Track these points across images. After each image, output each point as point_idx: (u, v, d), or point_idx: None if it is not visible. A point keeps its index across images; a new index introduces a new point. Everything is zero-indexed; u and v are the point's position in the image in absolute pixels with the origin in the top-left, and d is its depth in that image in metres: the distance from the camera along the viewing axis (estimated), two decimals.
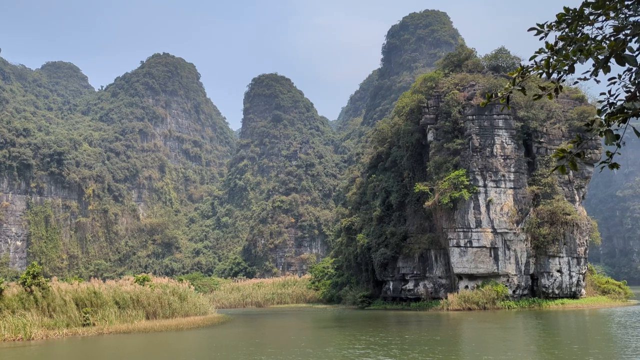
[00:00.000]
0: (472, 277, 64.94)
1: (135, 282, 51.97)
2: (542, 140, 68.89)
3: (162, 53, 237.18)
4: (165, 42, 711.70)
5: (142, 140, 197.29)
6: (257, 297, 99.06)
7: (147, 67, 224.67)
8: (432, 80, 77.06)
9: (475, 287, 64.06)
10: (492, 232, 64.30)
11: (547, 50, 6.72)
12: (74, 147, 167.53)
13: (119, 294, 46.50)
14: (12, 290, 40.38)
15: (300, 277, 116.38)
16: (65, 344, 34.92)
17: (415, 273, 73.16)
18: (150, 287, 50.40)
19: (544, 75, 6.81)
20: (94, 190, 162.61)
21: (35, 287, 41.04)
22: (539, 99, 7.30)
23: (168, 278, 60.65)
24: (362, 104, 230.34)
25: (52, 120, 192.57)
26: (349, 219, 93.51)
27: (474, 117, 67.87)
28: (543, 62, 6.74)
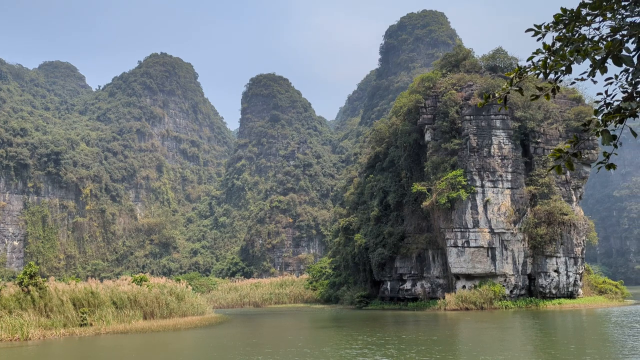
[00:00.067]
0: (469, 277, 65.04)
1: (133, 282, 51.89)
2: (539, 141, 69.03)
3: (159, 53, 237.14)
4: (163, 41, 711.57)
5: (139, 140, 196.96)
6: (254, 297, 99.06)
7: (144, 66, 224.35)
8: (429, 81, 77.16)
9: (473, 287, 64.16)
10: (489, 232, 64.40)
11: (544, 51, 6.74)
12: (71, 146, 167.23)
13: (117, 294, 46.42)
14: (9, 291, 40.29)
15: (298, 277, 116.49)
16: (63, 344, 34.85)
17: (413, 273, 73.22)
18: (148, 287, 50.33)
19: (542, 76, 6.82)
20: (92, 190, 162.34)
21: (33, 287, 40.94)
22: (537, 100, 7.32)
23: (165, 278, 60.53)
24: (359, 104, 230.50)
25: (49, 120, 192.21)
26: (347, 219, 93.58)
27: (472, 117, 67.97)
28: (540, 62, 6.76)
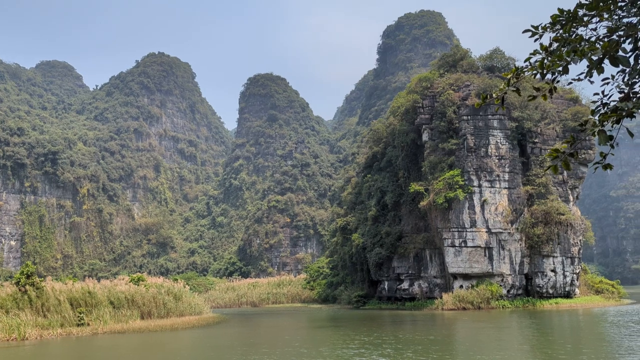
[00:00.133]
0: (466, 276, 65.14)
1: (130, 281, 51.83)
2: (536, 141, 69.18)
3: (157, 52, 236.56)
4: (160, 41, 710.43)
5: (137, 140, 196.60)
6: (252, 296, 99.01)
7: (142, 66, 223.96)
8: (427, 81, 77.24)
9: (470, 286, 64.27)
10: (486, 232, 64.51)
11: (541, 52, 6.76)
12: (69, 146, 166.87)
13: (114, 294, 46.38)
14: (6, 290, 40.24)
15: (296, 276, 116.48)
16: (60, 344, 34.80)
17: (410, 273, 73.29)
18: (145, 286, 50.29)
19: (539, 76, 6.85)
20: (89, 190, 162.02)
21: (29, 287, 40.87)
22: (534, 100, 7.34)
23: (163, 278, 60.51)
24: (357, 104, 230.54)
25: (46, 120, 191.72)
26: (344, 219, 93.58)
27: (469, 117, 68.07)
28: (537, 63, 6.78)
